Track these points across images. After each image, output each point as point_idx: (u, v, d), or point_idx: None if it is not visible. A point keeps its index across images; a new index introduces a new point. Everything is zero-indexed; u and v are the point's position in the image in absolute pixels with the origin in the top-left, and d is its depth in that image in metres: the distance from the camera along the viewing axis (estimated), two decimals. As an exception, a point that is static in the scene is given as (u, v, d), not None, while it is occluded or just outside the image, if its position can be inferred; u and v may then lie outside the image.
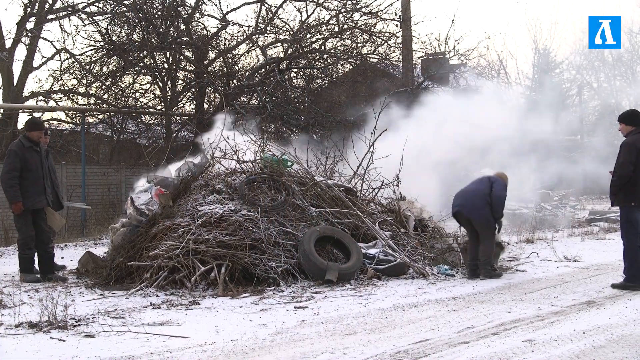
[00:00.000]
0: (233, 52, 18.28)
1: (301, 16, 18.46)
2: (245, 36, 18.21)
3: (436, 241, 10.00)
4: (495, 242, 9.40)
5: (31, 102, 17.74)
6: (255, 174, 9.73)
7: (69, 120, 18.56)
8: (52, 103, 18.06)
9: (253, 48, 18.77)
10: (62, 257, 10.82)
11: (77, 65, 17.84)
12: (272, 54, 18.40)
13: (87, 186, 15.53)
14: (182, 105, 19.74)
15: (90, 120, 18.36)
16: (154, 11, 17.20)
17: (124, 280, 8.39)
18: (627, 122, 8.07)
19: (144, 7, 16.80)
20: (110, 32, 17.30)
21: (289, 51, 18.07)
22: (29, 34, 17.21)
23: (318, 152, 11.27)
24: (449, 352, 5.33)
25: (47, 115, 18.08)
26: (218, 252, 8.14)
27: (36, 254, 8.85)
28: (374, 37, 18.62)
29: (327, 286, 8.11)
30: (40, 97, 17.90)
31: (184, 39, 17.45)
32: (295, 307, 7.06)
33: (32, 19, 17.26)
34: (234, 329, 6.12)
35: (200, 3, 17.85)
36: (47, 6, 17.30)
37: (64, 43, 18.08)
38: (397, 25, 18.51)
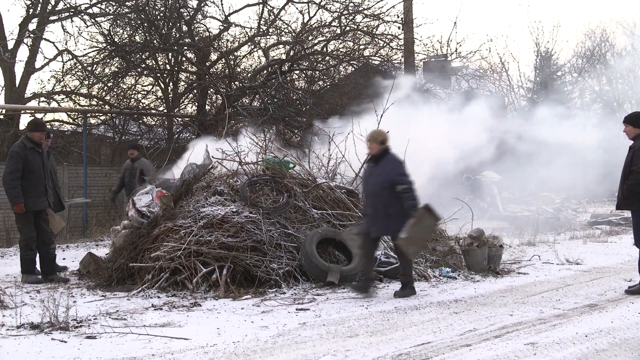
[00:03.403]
0: (235, 53, 18.27)
1: (303, 18, 18.47)
2: (247, 38, 18.21)
3: (438, 243, 9.99)
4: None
5: (33, 103, 17.74)
6: (257, 175, 9.73)
7: (71, 121, 18.56)
8: (54, 104, 18.07)
9: (255, 50, 18.76)
10: (64, 258, 10.82)
11: (79, 67, 17.85)
12: (274, 56, 18.41)
13: (89, 187, 15.55)
14: (183, 106, 19.77)
15: (92, 121, 18.37)
16: (156, 13, 17.20)
17: (125, 281, 8.39)
18: (634, 124, 7.98)
19: (146, 8, 16.81)
20: (112, 34, 17.31)
21: (291, 53, 18.07)
22: (31, 35, 17.22)
23: (320, 154, 11.26)
24: (451, 354, 5.32)
25: (49, 116, 18.09)
26: (220, 254, 8.14)
27: (38, 255, 8.86)
28: (376, 39, 18.61)
29: (329, 288, 8.10)
30: (42, 98, 17.89)
31: (186, 40, 17.45)
32: (296, 309, 7.06)
33: (35, 20, 17.27)
34: (235, 331, 6.12)
35: (202, 5, 17.87)
36: (49, 7, 17.32)
37: (66, 44, 18.19)
38: (399, 28, 18.48)
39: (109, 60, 17.54)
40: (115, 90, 18.07)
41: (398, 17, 18.37)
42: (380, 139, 7.99)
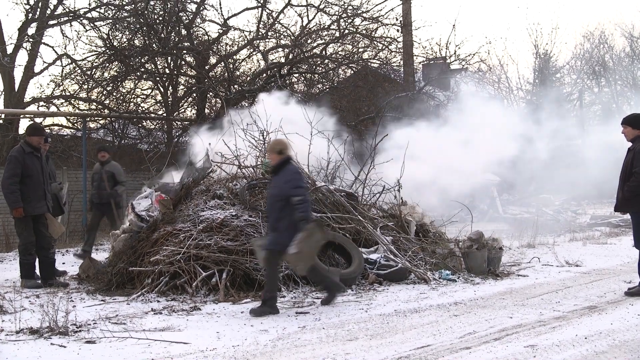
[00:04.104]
0: (234, 57, 18.30)
1: (302, 21, 18.50)
2: (246, 41, 18.24)
3: (437, 246, 9.99)
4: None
5: (32, 108, 17.73)
6: (257, 179, 9.73)
7: (70, 125, 18.56)
8: (53, 108, 18.06)
9: (254, 53, 18.81)
10: (63, 263, 10.82)
11: (79, 71, 17.85)
12: (273, 59, 18.42)
13: (89, 191, 15.50)
14: (183, 110, 19.76)
15: (92, 125, 18.36)
16: (155, 16, 17.24)
17: (125, 286, 8.39)
18: (633, 126, 7.95)
19: (145, 12, 16.83)
20: (111, 38, 17.34)
21: (290, 56, 18.09)
22: (31, 40, 17.22)
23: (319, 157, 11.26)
24: (451, 357, 5.32)
25: (48, 121, 18.11)
26: (219, 258, 8.14)
27: (37, 259, 8.85)
28: (375, 42, 18.63)
29: (329, 291, 8.09)
30: (41, 103, 17.89)
31: (185, 44, 17.48)
32: (296, 313, 7.05)
33: (34, 24, 17.27)
34: (235, 335, 6.12)
35: (201, 8, 17.89)
36: (48, 12, 17.33)
37: (65, 48, 18.11)
38: (398, 30, 18.53)
39: (108, 65, 17.58)
40: (114, 94, 18.09)
41: (397, 19, 18.42)
42: (278, 149, 7.30)
